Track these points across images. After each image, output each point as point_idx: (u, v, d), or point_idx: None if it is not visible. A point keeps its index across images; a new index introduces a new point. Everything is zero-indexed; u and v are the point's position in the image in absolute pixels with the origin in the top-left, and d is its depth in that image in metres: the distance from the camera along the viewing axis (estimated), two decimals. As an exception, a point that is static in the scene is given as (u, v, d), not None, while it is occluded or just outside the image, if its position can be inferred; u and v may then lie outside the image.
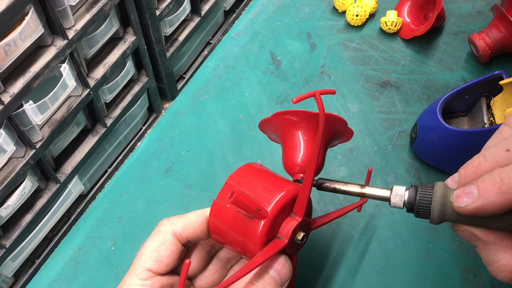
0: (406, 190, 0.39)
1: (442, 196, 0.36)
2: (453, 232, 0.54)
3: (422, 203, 0.37)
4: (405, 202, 0.38)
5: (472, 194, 0.34)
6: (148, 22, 0.56)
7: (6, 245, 0.48)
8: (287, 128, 0.43)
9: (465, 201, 0.34)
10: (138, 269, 0.39)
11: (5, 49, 0.39)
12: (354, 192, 0.41)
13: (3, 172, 0.44)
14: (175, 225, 0.40)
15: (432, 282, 0.52)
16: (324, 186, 0.42)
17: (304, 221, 0.39)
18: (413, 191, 0.38)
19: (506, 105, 0.54)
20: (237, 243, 0.38)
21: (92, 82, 0.51)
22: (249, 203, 0.35)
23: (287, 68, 0.69)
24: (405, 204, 0.38)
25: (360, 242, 0.54)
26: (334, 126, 0.43)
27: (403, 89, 0.66)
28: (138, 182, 0.59)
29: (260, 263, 0.36)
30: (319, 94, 0.37)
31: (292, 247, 0.39)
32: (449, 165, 0.58)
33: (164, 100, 0.68)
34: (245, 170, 0.41)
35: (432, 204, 0.36)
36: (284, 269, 0.38)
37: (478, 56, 0.67)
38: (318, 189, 0.42)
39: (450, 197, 0.36)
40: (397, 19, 0.71)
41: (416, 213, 0.38)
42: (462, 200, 0.34)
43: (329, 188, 0.42)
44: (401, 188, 0.39)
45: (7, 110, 0.41)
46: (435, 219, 0.37)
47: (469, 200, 0.34)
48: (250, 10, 0.76)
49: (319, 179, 0.43)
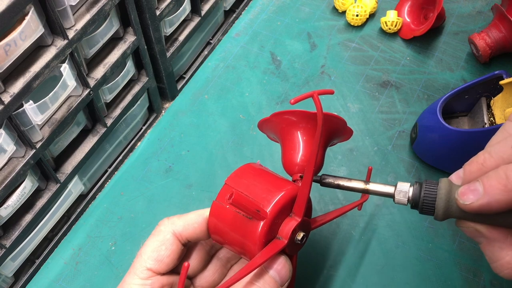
0: (411, 186, 0.38)
1: (447, 193, 0.36)
2: (453, 232, 0.55)
3: (427, 200, 0.36)
4: (409, 199, 0.38)
5: (477, 192, 0.34)
6: (148, 22, 0.56)
7: (6, 245, 0.48)
8: (286, 128, 0.43)
9: (470, 198, 0.34)
10: (138, 269, 0.39)
11: (5, 49, 0.39)
12: (357, 188, 0.41)
13: (3, 172, 0.44)
14: (175, 225, 0.40)
15: (432, 282, 0.52)
16: (327, 182, 0.42)
17: (304, 221, 0.39)
18: (418, 188, 0.38)
19: (506, 105, 0.54)
20: (236, 244, 0.38)
21: (92, 82, 0.51)
22: (248, 204, 0.35)
23: (287, 68, 0.69)
24: (409, 201, 0.38)
25: (360, 242, 0.54)
26: (333, 126, 0.43)
27: (403, 89, 0.66)
28: (138, 182, 0.59)
29: (260, 263, 0.36)
30: (317, 94, 0.37)
31: (292, 247, 0.39)
32: (449, 165, 0.58)
33: (164, 100, 0.68)
34: (245, 171, 0.41)
35: (437, 200, 0.36)
36: (284, 270, 0.38)
37: (478, 56, 0.68)
38: (321, 185, 0.42)
39: (454, 194, 0.35)
40: (397, 19, 0.71)
41: (420, 210, 0.37)
42: (467, 198, 0.34)
43: (333, 184, 0.42)
44: (406, 185, 0.38)
45: (7, 110, 0.41)
46: (439, 215, 0.36)
47: (474, 198, 0.34)
48: (250, 10, 0.76)
49: (322, 175, 0.42)
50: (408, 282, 0.52)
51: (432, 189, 0.37)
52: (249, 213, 0.36)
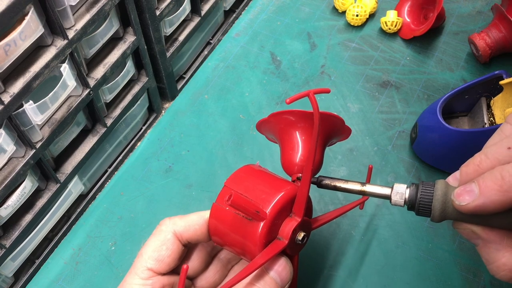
0: (407, 188, 0.38)
1: (443, 194, 0.36)
2: (453, 232, 0.55)
3: (423, 201, 0.37)
4: (405, 200, 0.38)
5: (473, 192, 0.34)
6: (148, 22, 0.56)
7: (6, 245, 0.48)
8: (284, 128, 0.43)
9: (466, 199, 0.34)
10: (139, 269, 0.39)
11: (5, 49, 0.39)
12: (354, 190, 0.41)
13: (3, 172, 0.44)
14: (176, 225, 0.40)
15: (432, 282, 0.52)
16: (324, 184, 0.42)
17: (304, 221, 0.39)
18: (414, 189, 0.38)
19: (506, 105, 0.54)
20: (237, 245, 0.38)
21: (92, 82, 0.51)
22: (247, 205, 0.35)
23: (287, 68, 0.69)
24: (405, 202, 0.38)
25: (360, 242, 0.54)
26: (331, 125, 0.43)
27: (403, 89, 0.66)
28: (138, 182, 0.59)
29: (260, 264, 0.36)
30: (313, 93, 0.37)
31: (293, 248, 0.39)
32: (449, 165, 0.58)
33: (164, 100, 0.68)
34: (244, 172, 0.41)
35: (433, 202, 0.36)
36: (285, 271, 0.38)
37: (478, 56, 0.68)
38: (318, 187, 0.42)
39: (451, 195, 0.36)
40: (397, 19, 0.71)
41: (417, 211, 0.37)
42: (463, 198, 0.34)
43: (330, 186, 0.42)
44: (402, 186, 0.39)
45: (7, 110, 0.41)
46: (436, 217, 0.36)
47: (470, 199, 0.34)
48: (250, 10, 0.76)
49: (319, 176, 0.42)
50: (408, 282, 0.52)
51: (428, 191, 0.37)
52: (248, 214, 0.36)
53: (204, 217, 0.40)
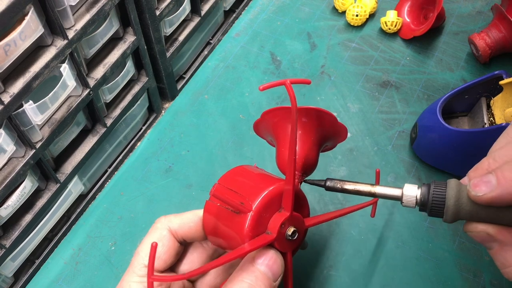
0: (418, 188, 0.38)
1: (456, 193, 0.35)
2: (453, 232, 0.55)
3: (436, 201, 0.36)
4: (417, 201, 0.37)
5: (490, 183, 0.33)
6: (148, 22, 0.56)
7: (6, 245, 0.48)
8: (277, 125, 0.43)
9: (483, 190, 0.33)
10: (136, 267, 0.39)
11: (5, 49, 0.39)
12: (364, 191, 0.40)
13: (3, 172, 0.44)
14: (171, 222, 0.41)
15: (432, 282, 0.52)
16: (331, 186, 0.41)
17: (294, 216, 0.39)
18: (426, 189, 0.37)
19: (506, 105, 0.54)
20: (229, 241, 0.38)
21: (92, 82, 0.51)
22: (232, 196, 0.36)
23: (287, 68, 0.69)
24: (417, 203, 0.37)
25: (360, 242, 0.54)
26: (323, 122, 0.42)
27: (403, 89, 0.66)
28: (138, 182, 0.59)
29: (246, 252, 0.36)
30: (289, 82, 0.36)
31: (283, 243, 0.39)
32: (449, 165, 0.58)
33: (164, 100, 0.68)
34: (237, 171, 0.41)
35: (446, 201, 0.35)
36: (276, 264, 0.38)
37: (478, 56, 0.67)
38: (326, 189, 0.42)
39: (464, 194, 0.35)
40: (397, 19, 0.71)
41: (429, 212, 0.36)
42: (479, 189, 0.34)
43: (338, 188, 0.41)
44: (413, 187, 0.38)
45: (7, 110, 0.41)
46: (449, 216, 0.35)
47: (487, 189, 0.33)
48: (250, 10, 0.76)
49: (327, 179, 0.42)
50: (408, 282, 0.52)
51: (440, 190, 0.36)
52: (234, 207, 0.36)
53: (198, 215, 0.41)
